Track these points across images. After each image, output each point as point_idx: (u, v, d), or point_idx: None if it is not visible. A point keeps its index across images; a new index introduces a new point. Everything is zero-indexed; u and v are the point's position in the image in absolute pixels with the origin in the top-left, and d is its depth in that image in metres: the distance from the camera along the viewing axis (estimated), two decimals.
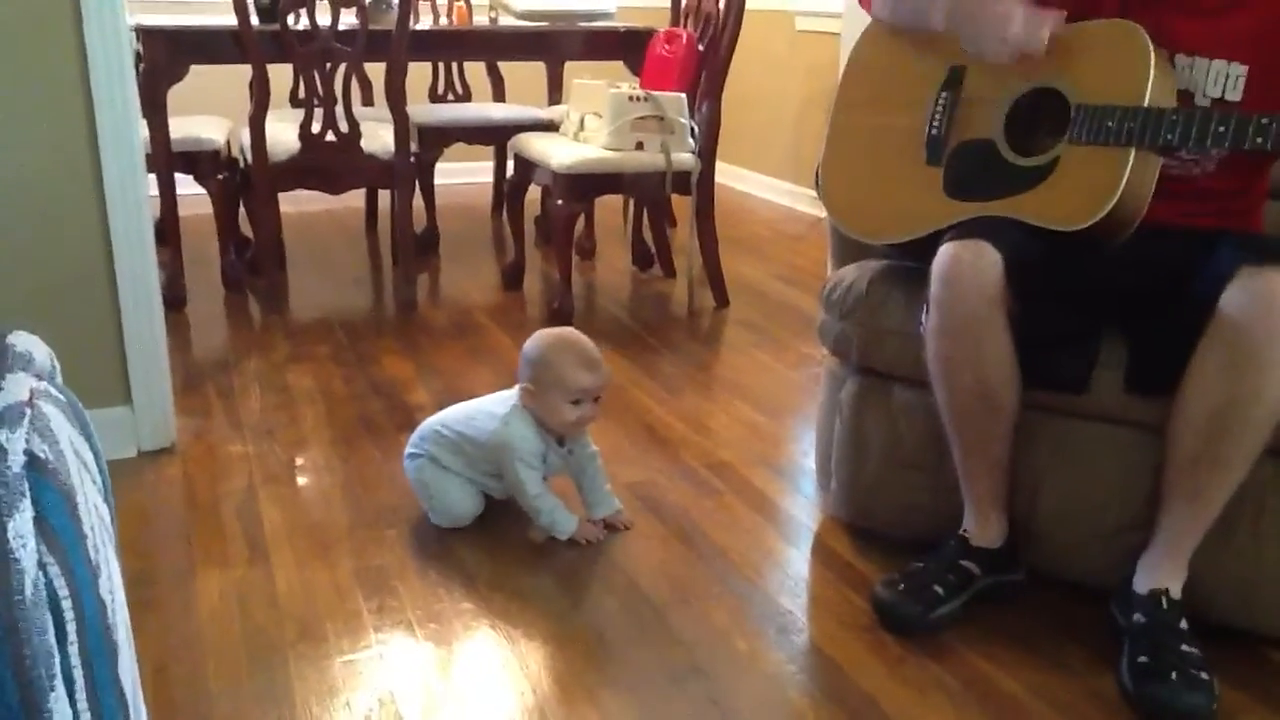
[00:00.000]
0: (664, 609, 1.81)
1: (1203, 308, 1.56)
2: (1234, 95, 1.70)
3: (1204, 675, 1.55)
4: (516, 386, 2.02)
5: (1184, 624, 1.63)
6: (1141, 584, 1.67)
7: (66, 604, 0.67)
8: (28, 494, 0.65)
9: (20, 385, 0.69)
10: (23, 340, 0.74)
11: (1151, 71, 1.63)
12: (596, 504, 2.08)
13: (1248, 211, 1.81)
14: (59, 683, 0.66)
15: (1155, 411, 1.65)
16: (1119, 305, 1.74)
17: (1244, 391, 1.53)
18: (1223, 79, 1.70)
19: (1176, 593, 1.65)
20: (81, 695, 0.69)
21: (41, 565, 0.66)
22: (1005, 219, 1.70)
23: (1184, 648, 1.59)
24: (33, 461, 0.67)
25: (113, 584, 0.76)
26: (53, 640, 0.66)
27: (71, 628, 0.68)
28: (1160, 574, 1.66)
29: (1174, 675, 1.55)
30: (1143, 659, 1.59)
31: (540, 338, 2.01)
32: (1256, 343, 1.51)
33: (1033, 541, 1.83)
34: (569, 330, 2.05)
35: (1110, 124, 1.64)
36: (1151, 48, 1.64)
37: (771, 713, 1.56)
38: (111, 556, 0.78)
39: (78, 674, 0.68)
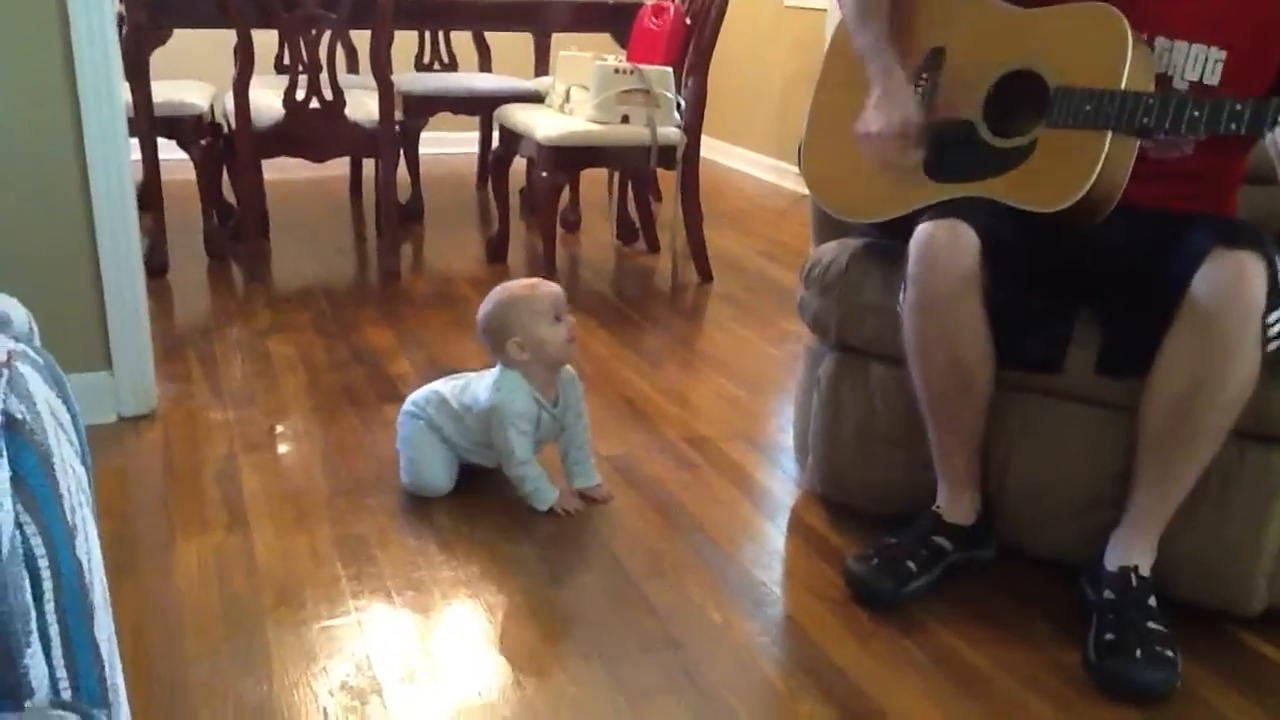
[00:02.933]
0: (640, 580, 1.83)
1: (1175, 289, 1.57)
2: (1212, 79, 1.71)
3: (1168, 653, 1.58)
4: (498, 365, 2.03)
5: (1152, 601, 1.65)
6: (1111, 561, 1.70)
7: (43, 562, 0.68)
8: (4, 453, 0.66)
9: None
10: (1, 303, 0.75)
11: (1129, 55, 1.64)
12: (577, 475, 2.10)
13: (1222, 194, 1.83)
14: (35, 639, 0.67)
15: (1126, 392, 1.68)
16: (1093, 286, 1.75)
17: (1212, 372, 1.55)
18: (1201, 62, 1.72)
19: (1145, 570, 1.68)
20: (58, 652, 0.70)
21: (19, 524, 0.67)
22: (982, 199, 1.71)
23: (1150, 625, 1.62)
24: (10, 422, 0.68)
25: (89, 545, 0.77)
26: (29, 598, 0.67)
27: (48, 585, 0.69)
28: (1129, 552, 1.69)
29: (1138, 652, 1.57)
30: (1109, 635, 1.61)
31: (483, 307, 2.03)
32: (1226, 324, 1.53)
33: (1002, 517, 1.86)
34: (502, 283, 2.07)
35: (1088, 107, 1.65)
36: (1129, 31, 1.65)
37: (743, 683, 1.59)
38: (88, 517, 0.79)
39: (54, 631, 0.69)
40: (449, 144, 5.06)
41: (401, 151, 3.67)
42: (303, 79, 3.24)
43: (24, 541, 0.66)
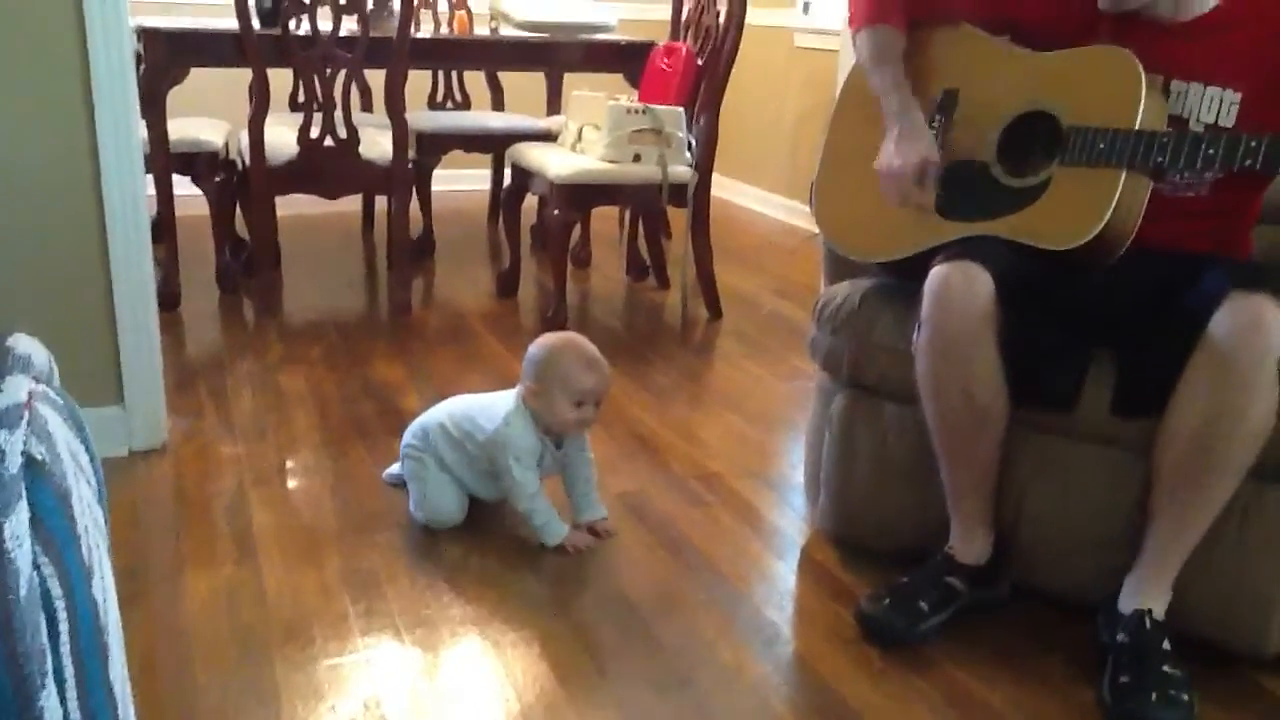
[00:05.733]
0: (650, 618, 1.82)
1: (1191, 330, 1.57)
2: (1228, 120, 1.72)
3: (1184, 696, 1.57)
4: (518, 386, 2.03)
5: (1167, 644, 1.64)
6: (1126, 603, 1.69)
7: (60, 604, 0.68)
8: (24, 495, 0.66)
9: (19, 387, 0.70)
10: (23, 343, 0.75)
11: (1143, 95, 1.65)
12: (583, 508, 2.10)
13: (1238, 233, 1.83)
14: (50, 681, 0.67)
15: (1140, 431, 1.67)
16: (1107, 326, 1.75)
17: (1228, 413, 1.55)
18: (1216, 104, 1.72)
19: (1160, 613, 1.67)
20: (72, 694, 0.70)
21: (36, 565, 0.67)
22: (997, 239, 1.72)
23: (1165, 668, 1.60)
24: (30, 463, 0.68)
25: (105, 585, 0.77)
26: (45, 639, 0.67)
27: (64, 627, 0.69)
28: (1144, 595, 1.68)
29: (1154, 695, 1.56)
30: (1124, 678, 1.60)
31: (546, 339, 2.04)
32: (1243, 366, 1.52)
33: (1016, 556, 1.85)
34: (574, 334, 2.07)
35: (1102, 145, 1.66)
36: (1142, 72, 1.66)
37: None
38: (105, 558, 0.79)
39: (69, 673, 0.69)
40: (461, 181, 5.09)
41: (414, 188, 3.69)
42: (317, 117, 3.27)
43: (41, 583, 0.66)
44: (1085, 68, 1.73)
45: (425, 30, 3.96)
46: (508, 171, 3.79)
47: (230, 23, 3.13)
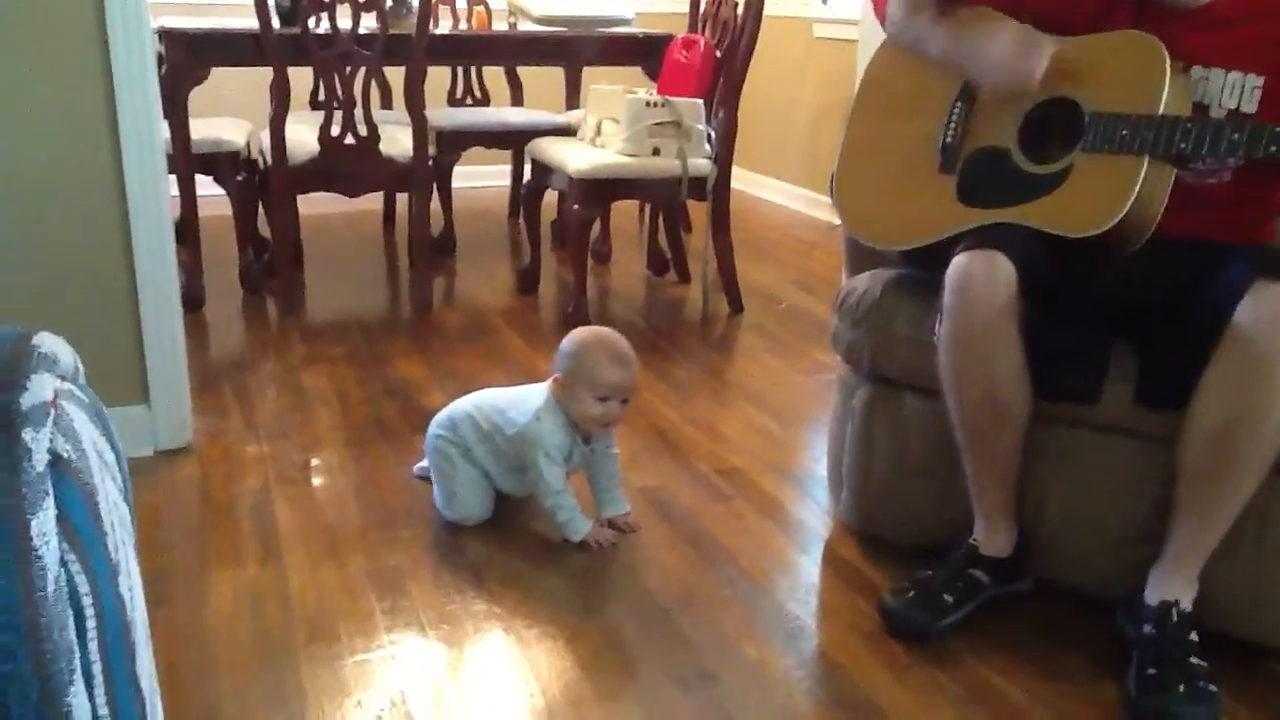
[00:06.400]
0: (673, 613, 1.82)
1: (1215, 321, 1.56)
2: (1249, 106, 1.70)
3: (1210, 688, 1.56)
4: (550, 380, 2.04)
5: (1194, 636, 1.63)
6: (1152, 596, 1.67)
7: (87, 600, 0.69)
8: (51, 493, 0.67)
9: (45, 386, 0.71)
10: (48, 342, 0.76)
11: (1167, 81, 1.63)
12: (606, 504, 2.10)
13: (1261, 222, 1.81)
14: (78, 677, 0.67)
15: (1164, 424, 1.66)
16: (1131, 316, 1.74)
17: (1255, 405, 1.53)
18: (1238, 91, 1.71)
19: (1187, 605, 1.65)
20: (100, 690, 0.70)
21: (63, 563, 0.67)
22: (1018, 228, 1.70)
23: (1192, 660, 1.59)
24: (56, 461, 0.69)
25: (132, 582, 0.77)
26: (73, 636, 0.67)
27: (91, 624, 0.69)
28: (1170, 586, 1.67)
29: (1180, 688, 1.55)
30: (1150, 671, 1.59)
31: (578, 333, 2.05)
32: (1269, 356, 1.51)
33: (1039, 550, 1.84)
34: (607, 329, 2.07)
35: (1124, 132, 1.65)
36: (1168, 57, 1.64)
37: (778, 719, 1.57)
38: (131, 555, 0.79)
39: (97, 669, 0.70)
40: (481, 177, 5.10)
41: (434, 185, 3.69)
42: (337, 115, 3.28)
43: (68, 580, 0.67)
44: (1109, 53, 1.72)
45: (444, 27, 3.97)
46: (527, 167, 3.79)
47: (250, 22, 3.15)
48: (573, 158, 3.31)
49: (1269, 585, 1.66)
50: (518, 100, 4.62)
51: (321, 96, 3.35)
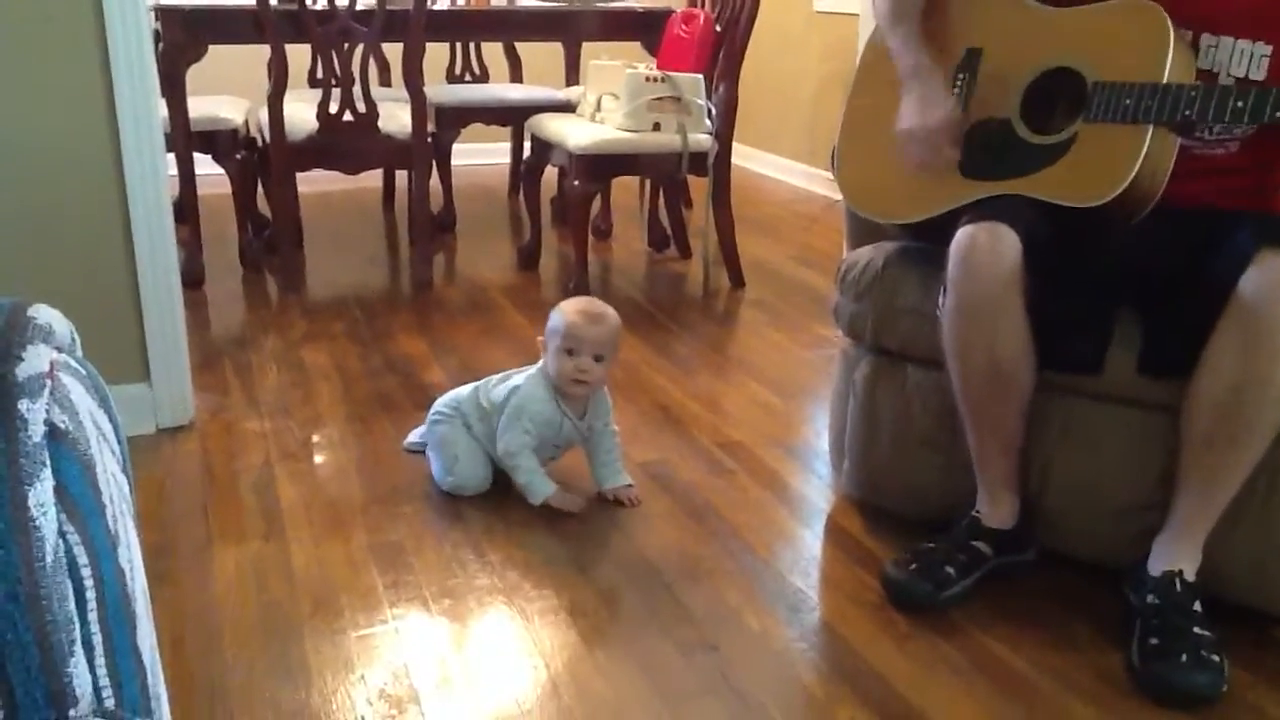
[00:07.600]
0: (676, 586, 1.82)
1: (1220, 289, 1.55)
2: (1258, 74, 1.68)
3: (1215, 657, 1.56)
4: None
5: (1197, 606, 1.63)
6: (1156, 565, 1.67)
7: (86, 571, 0.69)
8: (48, 464, 0.67)
9: (41, 357, 0.70)
10: (43, 313, 0.75)
11: (1170, 49, 1.62)
12: (606, 476, 2.10)
13: (1268, 191, 1.79)
14: (79, 649, 0.67)
15: (1168, 393, 1.65)
16: (1135, 286, 1.73)
17: (1259, 373, 1.53)
18: (1246, 58, 1.69)
19: (1191, 575, 1.65)
20: (101, 661, 0.70)
21: (62, 534, 0.67)
22: (1022, 199, 1.69)
23: (1196, 630, 1.59)
24: (53, 432, 0.68)
25: (131, 553, 0.77)
26: (73, 607, 0.67)
27: (91, 595, 0.69)
28: (1175, 556, 1.66)
29: (1184, 656, 1.55)
30: (1154, 640, 1.59)
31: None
32: (1273, 325, 1.50)
33: (1042, 520, 1.84)
34: (591, 297, 2.08)
35: (1128, 101, 1.63)
36: (1170, 25, 1.63)
37: (781, 689, 1.58)
38: (130, 527, 0.79)
39: (97, 640, 0.70)
40: (481, 154, 5.08)
41: (434, 162, 3.68)
42: (336, 92, 3.27)
43: (67, 551, 0.66)
44: (1111, 22, 1.71)
45: (442, 2, 3.94)
46: (527, 144, 3.78)
47: None
48: (573, 134, 3.29)
49: (1275, 553, 1.66)
50: (517, 76, 4.60)
51: (320, 73, 3.34)
